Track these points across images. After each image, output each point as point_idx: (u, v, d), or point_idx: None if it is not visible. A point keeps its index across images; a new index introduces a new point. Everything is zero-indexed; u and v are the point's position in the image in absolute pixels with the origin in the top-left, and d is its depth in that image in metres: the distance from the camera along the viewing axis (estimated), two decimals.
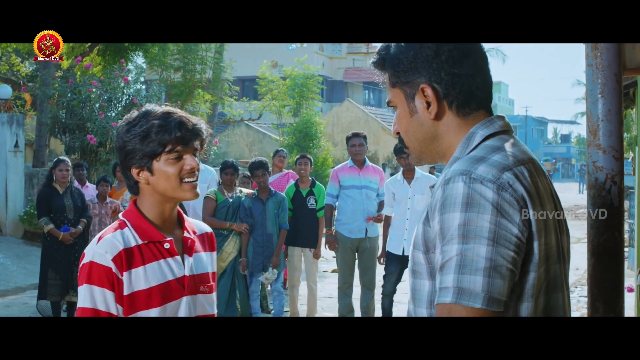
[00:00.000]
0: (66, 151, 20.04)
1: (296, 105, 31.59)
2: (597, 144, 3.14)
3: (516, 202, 2.22)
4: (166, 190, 3.18)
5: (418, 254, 2.41)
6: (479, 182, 2.22)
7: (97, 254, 3.11)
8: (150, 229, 3.21)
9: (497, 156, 2.32)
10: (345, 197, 11.12)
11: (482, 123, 2.47)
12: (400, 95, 2.55)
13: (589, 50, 3.16)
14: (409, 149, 2.61)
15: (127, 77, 20.42)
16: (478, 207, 2.19)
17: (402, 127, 2.58)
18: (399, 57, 2.52)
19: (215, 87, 27.80)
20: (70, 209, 11.56)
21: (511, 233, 2.18)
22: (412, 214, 10.31)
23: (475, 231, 2.16)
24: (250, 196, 11.05)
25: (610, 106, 3.11)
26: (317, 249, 11.60)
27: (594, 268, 3.34)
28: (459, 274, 2.15)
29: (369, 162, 11.31)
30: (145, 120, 3.13)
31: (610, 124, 3.11)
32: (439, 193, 2.29)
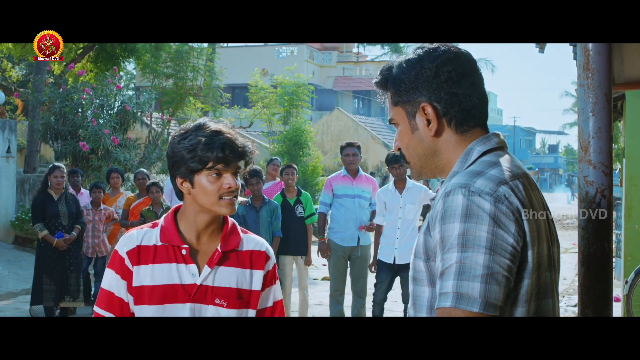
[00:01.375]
0: (56, 157, 20.12)
1: (286, 114, 31.69)
2: (588, 160, 3.33)
3: (512, 214, 2.38)
4: (204, 204, 3.30)
5: (419, 262, 2.56)
6: (477, 195, 2.38)
7: (120, 244, 3.35)
8: (173, 233, 3.36)
9: (493, 171, 2.48)
10: (339, 206, 11.24)
11: (479, 140, 2.64)
12: (401, 113, 2.70)
13: (581, 71, 3.35)
14: (410, 164, 2.76)
15: (119, 84, 20.50)
16: (476, 218, 2.35)
17: (404, 143, 2.73)
18: (401, 78, 2.67)
19: (206, 94, 27.87)
20: (65, 215, 11.64)
21: (507, 242, 2.34)
22: (403, 223, 10.46)
23: (473, 240, 2.32)
24: (244, 204, 11.11)
25: (601, 124, 3.30)
26: (308, 256, 11.69)
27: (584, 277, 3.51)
28: (458, 280, 2.30)
29: (362, 172, 11.43)
30: (195, 135, 3.27)
31: (600, 141, 3.30)
32: (440, 205, 2.44)
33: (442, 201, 2.44)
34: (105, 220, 13.29)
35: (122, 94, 21.02)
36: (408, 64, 2.67)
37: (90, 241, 13.04)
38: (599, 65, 3.29)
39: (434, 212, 2.48)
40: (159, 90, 25.10)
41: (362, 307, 11.17)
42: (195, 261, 3.36)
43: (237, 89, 49.62)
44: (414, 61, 2.66)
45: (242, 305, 3.41)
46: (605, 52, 3.30)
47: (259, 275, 3.47)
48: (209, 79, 28.01)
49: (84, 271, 12.68)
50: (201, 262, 3.38)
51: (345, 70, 62.92)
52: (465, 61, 2.68)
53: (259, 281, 3.46)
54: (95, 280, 13.55)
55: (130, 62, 26.67)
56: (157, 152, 21.00)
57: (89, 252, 13.07)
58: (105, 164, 18.55)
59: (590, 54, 3.31)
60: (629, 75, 8.21)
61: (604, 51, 3.30)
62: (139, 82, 35.01)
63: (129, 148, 19.88)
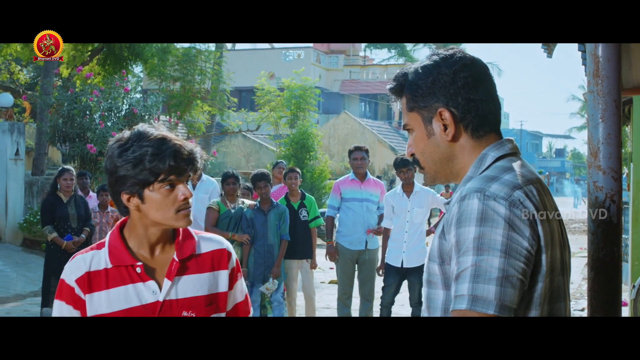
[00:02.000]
0: (64, 160, 20.18)
1: (293, 117, 31.71)
2: (598, 165, 3.37)
3: (526, 218, 2.42)
4: (157, 219, 3.06)
5: (433, 266, 2.60)
6: (493, 199, 2.42)
7: (66, 272, 3.12)
8: (123, 252, 3.10)
9: (508, 176, 2.52)
10: (346, 210, 11.26)
11: (493, 145, 2.67)
12: (417, 118, 2.72)
13: (591, 78, 3.39)
14: (424, 170, 2.78)
15: (127, 87, 20.55)
16: (491, 222, 2.39)
17: (419, 148, 2.75)
18: (418, 83, 2.70)
19: (213, 97, 27.92)
20: (74, 217, 11.68)
21: (522, 246, 2.38)
22: (411, 226, 10.50)
23: (489, 244, 2.36)
24: (252, 207, 11.16)
25: (610, 130, 3.34)
26: (313, 259, 11.70)
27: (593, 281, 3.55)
28: (474, 282, 2.35)
29: (370, 176, 11.45)
30: (139, 146, 2.98)
31: (610, 147, 3.34)
32: (455, 209, 2.48)
33: (458, 205, 2.47)
34: (113, 223, 13.33)
35: (130, 96, 21.06)
36: (424, 69, 2.70)
37: None
38: (608, 72, 3.33)
39: (449, 216, 2.52)
40: (167, 93, 25.13)
41: (370, 311, 11.19)
42: (153, 277, 3.11)
43: (244, 92, 49.62)
44: (431, 67, 2.69)
45: (212, 311, 3.19)
46: (615, 59, 3.34)
47: (224, 275, 3.25)
48: (216, 82, 28.05)
49: None
50: (159, 276, 3.12)
51: (352, 73, 62.89)
52: (480, 68, 2.72)
53: (225, 281, 3.24)
54: None
55: (138, 65, 26.70)
56: None
57: None
58: None
59: (600, 61, 3.35)
60: (637, 80, 8.24)
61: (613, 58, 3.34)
62: (147, 85, 35.06)
63: None
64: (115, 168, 3.00)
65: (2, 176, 20.36)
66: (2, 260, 18.00)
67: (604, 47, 3.36)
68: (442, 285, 2.57)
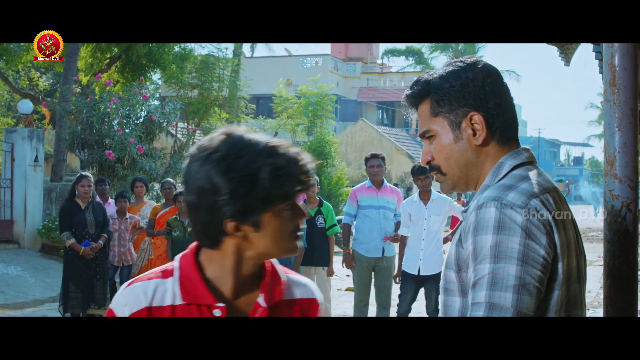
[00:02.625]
0: (82, 166, 20.26)
1: (310, 124, 31.75)
2: (614, 174, 3.38)
3: (543, 226, 2.44)
4: (270, 249, 2.39)
5: (450, 273, 2.62)
6: (510, 208, 2.44)
7: (118, 303, 2.42)
8: (200, 287, 2.40)
9: (524, 184, 2.55)
10: (363, 217, 11.26)
11: (510, 154, 2.69)
12: (443, 123, 2.71)
13: (608, 87, 3.40)
14: (446, 176, 2.77)
15: (146, 94, 20.63)
16: (509, 230, 2.41)
17: (443, 154, 2.73)
18: (445, 87, 2.70)
19: (231, 105, 27.96)
20: (92, 224, 11.71)
21: (538, 254, 2.41)
22: (428, 234, 10.48)
23: (506, 252, 2.39)
24: None
25: (627, 139, 3.35)
26: (330, 267, 11.70)
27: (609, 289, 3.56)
28: (491, 290, 2.37)
29: (387, 183, 11.45)
30: (252, 157, 2.30)
31: (626, 156, 3.35)
32: (473, 217, 2.50)
33: (475, 214, 2.50)
34: (131, 229, 13.39)
35: (148, 104, 21.13)
36: (453, 74, 2.70)
37: (117, 250, 13.14)
38: (625, 81, 3.35)
39: (466, 224, 2.54)
40: (184, 100, 25.19)
41: None
42: None
43: (262, 99, 49.69)
44: (459, 71, 2.70)
45: None
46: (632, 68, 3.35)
47: None
48: (234, 89, 28.10)
49: (110, 279, 12.78)
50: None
51: (370, 81, 62.86)
52: (500, 76, 2.75)
53: None
54: None
55: (156, 72, 26.79)
56: (182, 162, 21.03)
57: (115, 261, 13.17)
58: (131, 173, 18.65)
59: (617, 70, 3.37)
60: None
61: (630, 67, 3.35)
62: (164, 92, 35.14)
63: (155, 158, 20.02)
64: (216, 188, 2.28)
65: (22, 182, 20.47)
66: (21, 266, 18.10)
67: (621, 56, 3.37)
68: (459, 292, 2.60)
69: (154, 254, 12.95)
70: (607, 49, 3.44)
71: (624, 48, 3.37)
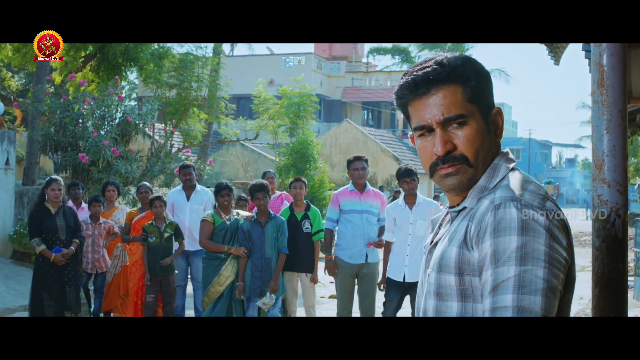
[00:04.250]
0: (56, 169, 20.16)
1: (292, 125, 31.70)
2: (602, 178, 3.35)
3: (562, 228, 2.47)
4: None
5: (446, 277, 2.60)
6: (530, 208, 2.45)
7: None
8: None
9: (531, 187, 2.56)
10: (346, 222, 11.24)
11: (502, 156, 2.71)
12: (476, 111, 2.67)
13: (596, 87, 3.37)
14: (472, 169, 2.68)
15: (121, 95, 20.53)
16: (533, 231, 2.41)
17: (476, 143, 2.66)
18: (482, 73, 2.70)
19: (210, 105, 27.85)
20: (63, 229, 11.60)
21: (561, 256, 2.43)
22: (414, 239, 10.41)
23: (532, 254, 2.38)
24: (249, 219, 11.16)
25: (615, 142, 3.32)
26: (314, 274, 11.67)
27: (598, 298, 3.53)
28: (519, 294, 2.36)
29: (370, 187, 11.44)
30: None
31: (615, 159, 3.32)
32: (490, 218, 2.48)
33: (493, 214, 2.48)
34: (105, 235, 13.31)
35: (124, 104, 21.02)
36: (476, 63, 2.70)
37: (90, 256, 13.05)
38: (613, 82, 3.31)
39: (479, 225, 2.52)
40: (162, 100, 25.06)
41: None
42: None
43: (243, 99, 49.65)
44: (477, 62, 2.70)
45: None
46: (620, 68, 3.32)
47: None
48: (214, 89, 27.99)
49: (83, 286, 12.70)
50: None
51: (355, 80, 62.87)
52: None
53: None
54: (95, 297, 13.56)
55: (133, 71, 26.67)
56: (159, 164, 20.97)
57: (89, 268, 13.07)
58: (106, 176, 18.53)
59: (605, 70, 3.34)
60: None
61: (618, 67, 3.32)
62: (142, 92, 35.04)
63: (131, 160, 19.90)
64: None
65: None
66: None
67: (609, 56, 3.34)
68: (458, 297, 2.58)
69: (129, 260, 12.89)
70: (595, 48, 3.40)
71: (613, 47, 3.33)
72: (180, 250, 12.57)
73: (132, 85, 45.21)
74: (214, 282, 11.02)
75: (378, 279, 11.14)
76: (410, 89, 2.71)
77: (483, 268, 2.47)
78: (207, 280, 11.17)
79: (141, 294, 12.37)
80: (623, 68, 3.33)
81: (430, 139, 2.70)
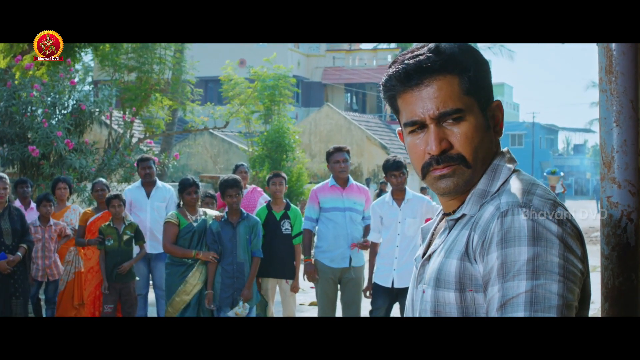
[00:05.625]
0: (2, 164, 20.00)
1: (266, 111, 31.58)
2: (612, 178, 3.27)
3: (576, 237, 2.43)
4: None
5: (446, 294, 2.56)
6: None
7: None
8: None
9: (539, 190, 2.52)
10: (326, 221, 11.17)
11: (502, 156, 2.68)
12: (474, 105, 2.63)
13: (603, 75, 3.30)
14: (470, 170, 2.65)
15: (74, 80, 20.38)
16: (546, 241, 2.37)
17: (474, 142, 2.62)
18: (481, 63, 2.66)
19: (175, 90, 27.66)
20: (8, 233, 11.49)
21: (577, 268, 2.39)
22: (403, 240, 10.31)
23: (545, 266, 2.34)
24: (218, 219, 11.04)
25: (626, 136, 3.24)
26: (295, 281, 11.60)
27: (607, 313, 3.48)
28: (531, 311, 2.32)
29: (352, 181, 11.36)
30: None
31: (626, 156, 3.24)
32: (496, 226, 2.44)
33: (499, 222, 2.44)
34: (56, 238, 13.19)
35: (78, 90, 20.85)
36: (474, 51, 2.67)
37: (40, 263, 12.93)
38: (623, 68, 3.23)
39: (483, 234, 2.48)
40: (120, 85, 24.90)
41: None
42: None
43: (211, 82, 49.50)
44: (475, 50, 2.67)
45: None
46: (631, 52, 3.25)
47: None
48: (178, 72, 27.81)
49: (33, 297, 12.61)
50: None
51: (336, 60, 62.75)
52: None
53: None
54: (47, 308, 13.46)
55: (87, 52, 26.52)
56: (118, 157, 20.84)
57: (39, 276, 12.96)
58: (59, 171, 18.40)
59: (614, 54, 3.26)
60: None
61: (629, 51, 3.25)
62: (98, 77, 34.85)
63: (86, 153, 19.78)
64: None
65: None
66: None
67: None
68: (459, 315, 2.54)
69: (84, 266, 12.79)
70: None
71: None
72: (142, 254, 12.44)
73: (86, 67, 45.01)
74: (180, 291, 10.87)
75: (363, 284, 11.10)
76: (400, 79, 2.64)
77: (489, 283, 2.44)
78: (172, 289, 11.00)
79: (98, 304, 12.22)
80: (634, 52, 3.25)
81: (422, 137, 2.66)
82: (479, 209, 2.59)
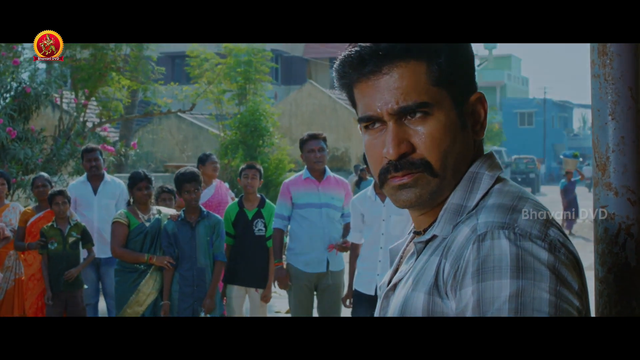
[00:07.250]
0: None
1: (240, 91, 31.45)
2: (607, 183, 3.01)
3: (572, 266, 2.19)
4: None
5: None
6: (528, 239, 2.16)
7: None
8: None
9: (527, 206, 2.30)
10: (300, 219, 11.03)
11: (483, 161, 2.46)
12: (444, 99, 2.41)
13: (596, 57, 3.06)
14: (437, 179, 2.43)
15: (17, 59, 20.23)
16: (533, 272, 2.12)
17: (443, 144, 2.40)
18: (453, 47, 2.43)
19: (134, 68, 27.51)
20: None
21: (572, 306, 2.12)
22: (388, 240, 10.08)
23: (532, 304, 2.08)
24: (174, 219, 10.84)
25: (624, 132, 2.97)
26: (267, 289, 11.47)
27: None
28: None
29: (330, 173, 11.20)
30: None
31: (623, 156, 2.97)
32: (472, 253, 2.20)
33: (476, 248, 2.20)
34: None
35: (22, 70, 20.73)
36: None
37: None
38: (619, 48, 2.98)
39: (456, 263, 2.24)
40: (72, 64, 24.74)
41: None
42: None
43: (178, 58, 49.53)
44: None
45: None
46: None
47: None
48: (138, 48, 27.63)
49: None
50: None
51: None
52: None
53: None
54: None
55: None
56: (69, 146, 20.73)
57: None
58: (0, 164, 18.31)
59: None
60: None
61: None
62: None
63: (32, 142, 19.67)
64: None
65: None
66: None
67: None
68: None
69: (24, 273, 12.60)
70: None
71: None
72: (90, 259, 12.28)
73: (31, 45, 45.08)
74: (132, 302, 10.66)
75: (343, 292, 10.97)
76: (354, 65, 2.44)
77: None
78: (122, 299, 10.78)
79: (41, 316, 12.10)
80: None
81: (380, 135, 2.44)
82: (452, 229, 2.36)
